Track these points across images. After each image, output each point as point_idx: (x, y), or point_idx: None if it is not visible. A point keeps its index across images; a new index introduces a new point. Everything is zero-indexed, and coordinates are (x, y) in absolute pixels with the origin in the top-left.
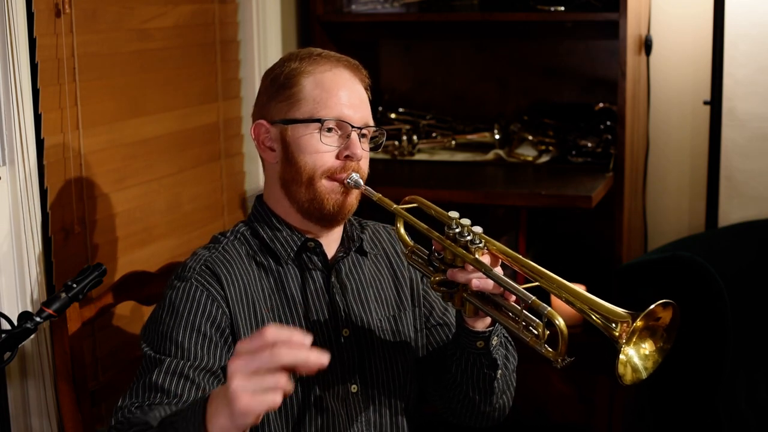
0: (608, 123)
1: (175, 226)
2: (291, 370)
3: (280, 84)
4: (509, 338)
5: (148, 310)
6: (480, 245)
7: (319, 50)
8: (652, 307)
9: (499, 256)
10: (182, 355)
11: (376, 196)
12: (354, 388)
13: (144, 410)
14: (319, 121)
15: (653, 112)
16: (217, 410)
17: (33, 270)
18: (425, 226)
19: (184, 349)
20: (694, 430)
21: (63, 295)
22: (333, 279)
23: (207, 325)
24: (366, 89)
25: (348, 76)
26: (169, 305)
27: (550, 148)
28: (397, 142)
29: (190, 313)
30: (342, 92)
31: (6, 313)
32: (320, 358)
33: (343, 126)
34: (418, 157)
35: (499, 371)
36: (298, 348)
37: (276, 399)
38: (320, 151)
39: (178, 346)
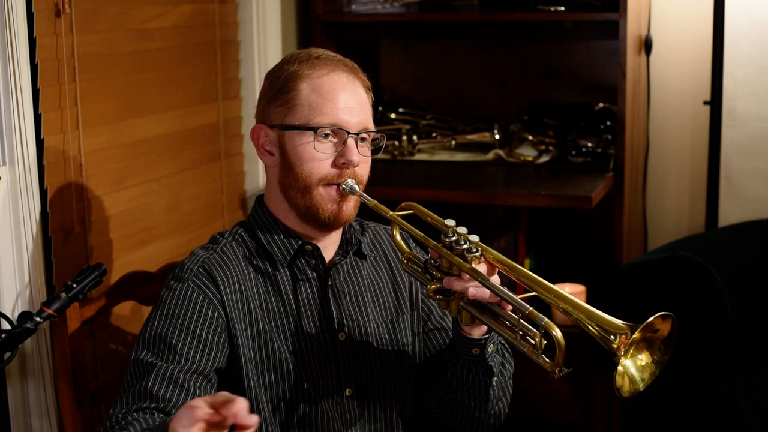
0: (608, 123)
1: (175, 226)
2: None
3: (278, 88)
4: (506, 345)
5: (147, 310)
6: (476, 254)
7: (318, 52)
8: (651, 319)
9: (496, 265)
10: (175, 359)
11: (372, 202)
12: (348, 391)
13: (122, 425)
14: (313, 129)
15: (653, 112)
16: None
17: (33, 270)
18: (422, 235)
19: (177, 352)
20: (694, 431)
21: (63, 295)
22: (330, 283)
23: (203, 328)
24: (366, 90)
25: (346, 80)
26: (165, 307)
27: (550, 148)
28: (397, 142)
29: (186, 316)
30: (340, 97)
31: (6, 313)
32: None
33: (339, 132)
34: (418, 157)
35: (495, 378)
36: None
37: None
38: (316, 159)
39: (172, 349)
